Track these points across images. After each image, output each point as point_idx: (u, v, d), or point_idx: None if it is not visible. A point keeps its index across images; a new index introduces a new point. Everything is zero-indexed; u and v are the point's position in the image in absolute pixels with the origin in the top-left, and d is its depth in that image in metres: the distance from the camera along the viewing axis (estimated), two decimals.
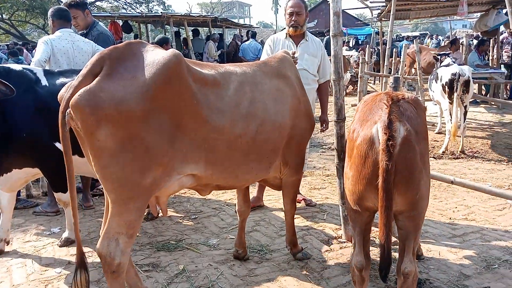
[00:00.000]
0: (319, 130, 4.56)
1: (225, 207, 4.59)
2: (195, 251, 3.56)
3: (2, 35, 28.03)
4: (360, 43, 23.26)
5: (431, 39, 22.55)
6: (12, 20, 26.93)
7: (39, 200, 4.94)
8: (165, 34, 17.48)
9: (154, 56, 2.22)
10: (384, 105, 2.09)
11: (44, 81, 3.42)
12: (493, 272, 3.12)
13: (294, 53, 3.48)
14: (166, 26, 13.09)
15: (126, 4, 29.70)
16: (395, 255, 2.45)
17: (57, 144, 3.40)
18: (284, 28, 4.42)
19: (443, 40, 21.54)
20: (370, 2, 11.08)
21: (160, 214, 3.77)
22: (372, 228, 2.59)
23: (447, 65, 7.93)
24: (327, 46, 4.13)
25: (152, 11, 26.62)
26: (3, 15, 26.23)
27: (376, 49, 16.01)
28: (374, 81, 15.36)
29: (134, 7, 29.53)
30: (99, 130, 2.04)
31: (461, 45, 11.09)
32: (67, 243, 3.70)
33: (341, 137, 3.44)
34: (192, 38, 12.92)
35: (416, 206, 2.09)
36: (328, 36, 13.15)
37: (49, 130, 3.31)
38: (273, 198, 4.77)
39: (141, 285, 2.77)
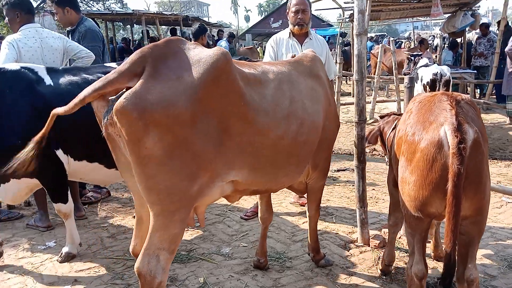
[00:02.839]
0: None
1: (228, 213, 4.41)
2: (210, 261, 3.37)
3: None
4: None
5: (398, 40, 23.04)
6: None
7: (23, 211, 4.55)
8: (132, 33, 16.98)
9: (200, 55, 2.05)
10: (448, 106, 2.00)
11: (48, 80, 3.12)
12: None
13: (293, 56, 3.37)
14: (136, 25, 12.66)
15: (82, 2, 28.57)
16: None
17: (58, 152, 3.12)
18: (281, 30, 4.31)
19: (404, 42, 22.14)
20: (344, 3, 11.18)
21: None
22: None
23: (426, 65, 8.11)
24: None
25: (109, 9, 25.78)
26: None
27: (344, 49, 16.24)
28: (347, 81, 15.62)
29: (91, 5, 28.48)
30: (147, 136, 1.85)
31: (429, 46, 11.45)
32: (68, 258, 3.40)
33: (361, 139, 3.36)
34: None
35: (482, 210, 2.02)
36: None
37: (49, 136, 3.02)
38: (276, 202, 4.63)
39: None
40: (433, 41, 17.29)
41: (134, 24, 14.13)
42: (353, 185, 5.35)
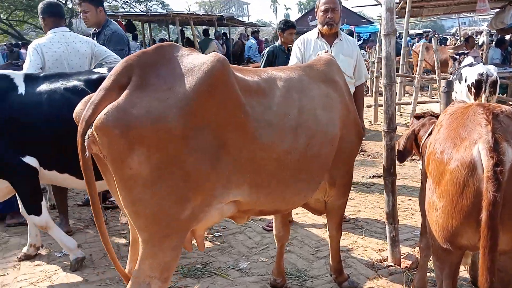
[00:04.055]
0: None
1: (250, 223, 4.21)
2: (225, 277, 3.18)
3: (0, 35, 27.52)
4: (364, 41, 22.85)
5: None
6: (10, 20, 26.45)
7: None
8: (168, 34, 17.10)
9: (194, 62, 1.83)
10: (483, 120, 1.71)
11: (21, 89, 3.06)
12: None
13: (326, 52, 3.12)
14: (171, 25, 12.68)
15: (125, 3, 29.25)
16: None
17: (27, 159, 3.04)
18: (310, 29, 4.06)
19: (450, 38, 21.15)
20: None
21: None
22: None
23: (471, 65, 7.57)
24: None
25: (151, 10, 26.22)
26: (1, 15, 25.74)
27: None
28: None
29: (133, 6, 29.08)
30: (131, 155, 1.64)
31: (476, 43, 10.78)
32: (79, 263, 3.33)
33: (391, 150, 3.07)
34: (203, 38, 12.47)
35: None
36: None
37: (15, 144, 2.99)
38: (302, 213, 4.38)
39: None
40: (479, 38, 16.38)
41: (170, 25, 14.19)
42: None
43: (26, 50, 3.88)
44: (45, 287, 3.10)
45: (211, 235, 3.90)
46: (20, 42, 16.84)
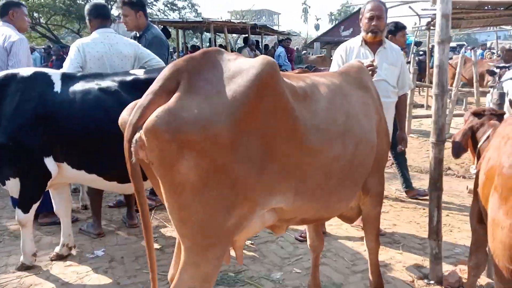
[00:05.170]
0: (398, 149, 4.04)
1: None
2: (259, 287, 3.08)
3: (39, 38, 28.42)
4: None
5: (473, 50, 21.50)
6: (49, 24, 27.30)
7: (79, 215, 4.57)
8: (201, 41, 17.29)
9: (241, 66, 1.76)
10: None
11: (57, 87, 3.08)
12: None
13: (373, 61, 3.02)
14: (206, 32, 12.78)
15: (159, 11, 29.82)
16: None
17: (48, 161, 3.05)
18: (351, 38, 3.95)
19: (485, 51, 20.57)
20: (422, 10, 10.46)
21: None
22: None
23: None
24: None
25: (185, 18, 26.69)
26: (41, 19, 26.60)
27: (417, 59, 15.36)
28: (420, 92, 14.73)
29: (167, 14, 29.62)
30: (182, 160, 1.58)
31: None
32: (22, 268, 3.31)
33: (439, 163, 2.92)
34: (242, 46, 12.47)
35: None
36: None
37: (44, 143, 3.02)
38: (335, 224, 4.25)
39: None
40: None
41: (204, 32, 14.30)
42: (424, 209, 4.83)
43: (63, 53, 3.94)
44: None
45: None
46: (60, 45, 17.30)
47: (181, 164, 1.58)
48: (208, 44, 15.89)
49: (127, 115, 1.77)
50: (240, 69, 1.74)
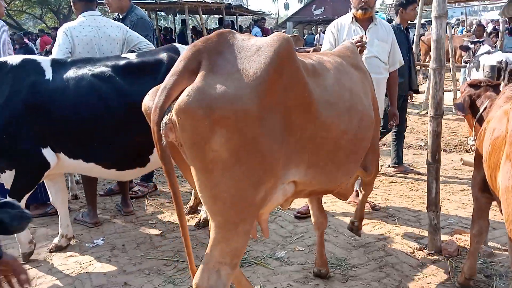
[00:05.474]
0: (388, 125, 4.12)
1: (280, 212, 4.14)
2: (266, 266, 3.12)
3: None
4: None
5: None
6: (9, 9, 26.15)
7: (70, 205, 4.46)
8: (174, 23, 16.91)
9: (257, 43, 1.80)
10: None
11: (48, 74, 2.98)
12: None
13: (362, 37, 3.06)
14: (178, 14, 12.49)
15: None
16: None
17: (46, 151, 2.99)
18: (324, 17, 3.96)
19: (453, 28, 20.93)
20: None
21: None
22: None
23: (488, 52, 7.50)
24: None
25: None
26: None
27: None
28: None
29: None
30: (214, 137, 1.60)
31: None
32: (25, 259, 3.26)
33: (437, 136, 3.00)
34: (217, 27, 12.23)
35: None
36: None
37: (39, 133, 2.94)
38: (330, 201, 4.32)
39: None
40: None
41: (177, 14, 13.99)
42: (412, 182, 4.97)
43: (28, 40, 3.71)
44: (83, 278, 3.03)
45: None
46: (22, 32, 16.57)
47: (213, 141, 1.60)
48: (180, 26, 15.55)
49: (150, 100, 1.77)
50: (257, 46, 1.78)
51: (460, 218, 3.90)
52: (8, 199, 2.82)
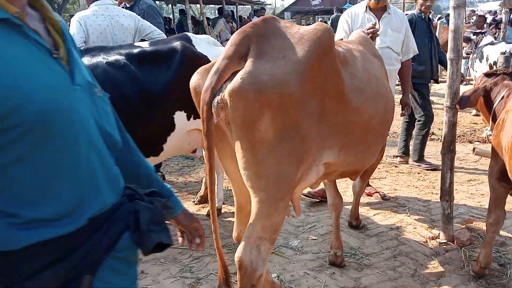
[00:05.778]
0: (400, 114, 4.13)
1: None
2: (280, 255, 3.14)
3: None
4: None
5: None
6: None
7: None
8: (173, 12, 16.74)
9: (300, 32, 1.94)
10: None
11: None
12: None
13: (375, 24, 3.11)
14: (178, 4, 12.36)
15: None
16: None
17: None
18: (321, 7, 3.96)
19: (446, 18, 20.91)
20: None
21: None
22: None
23: (492, 43, 7.52)
24: (333, 25, 3.78)
25: None
26: None
27: None
28: None
29: None
30: (262, 118, 1.74)
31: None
32: None
33: (452, 126, 3.01)
34: (217, 17, 12.16)
35: None
36: (334, 15, 12.68)
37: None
38: (340, 191, 4.31)
39: None
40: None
41: (176, 3, 13.85)
42: (418, 173, 4.99)
43: None
44: None
45: None
46: None
47: (260, 122, 1.74)
48: (178, 15, 15.41)
49: (200, 79, 1.92)
50: (300, 34, 1.90)
51: (470, 208, 3.93)
52: None
